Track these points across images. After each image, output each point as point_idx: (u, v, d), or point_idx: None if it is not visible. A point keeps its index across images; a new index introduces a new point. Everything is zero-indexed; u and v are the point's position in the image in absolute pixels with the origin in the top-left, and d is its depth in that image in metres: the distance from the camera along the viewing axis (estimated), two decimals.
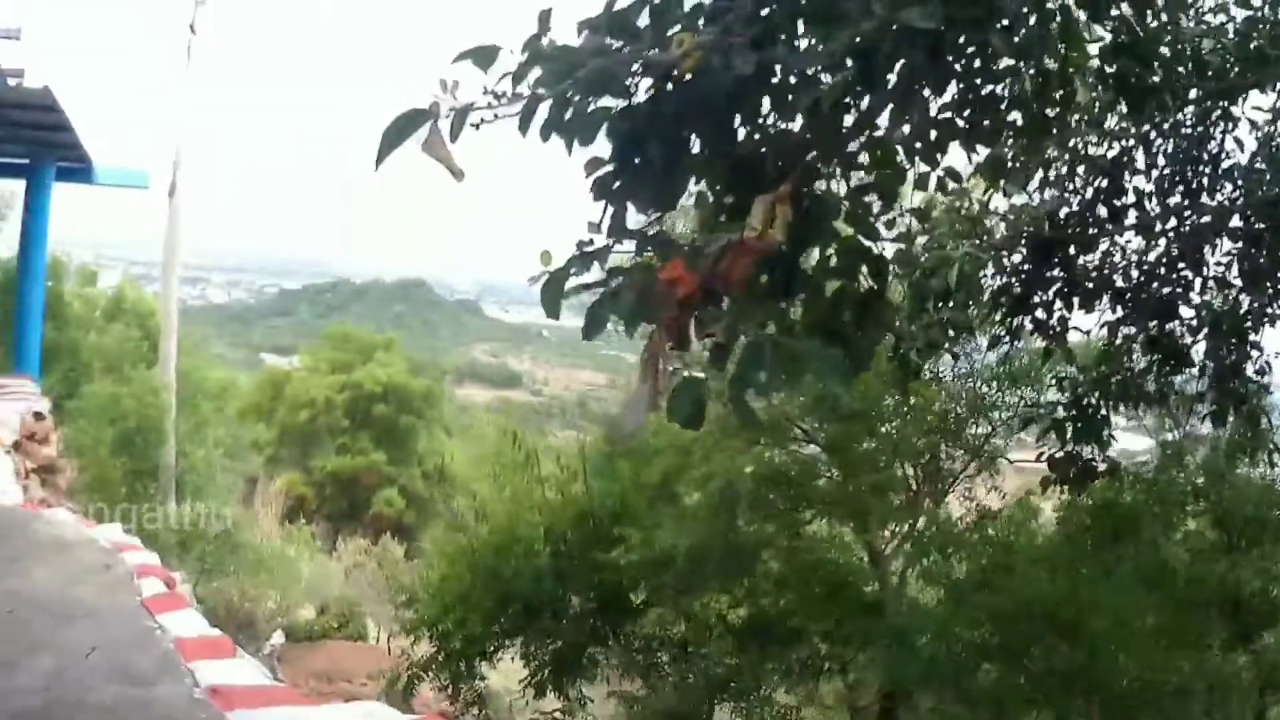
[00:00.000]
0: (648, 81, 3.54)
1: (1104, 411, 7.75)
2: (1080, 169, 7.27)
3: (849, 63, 3.59)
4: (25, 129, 13.32)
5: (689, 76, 3.41)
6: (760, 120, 3.87)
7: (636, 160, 3.70)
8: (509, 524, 12.82)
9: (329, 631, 16.36)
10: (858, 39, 3.46)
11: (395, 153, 3.56)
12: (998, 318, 7.72)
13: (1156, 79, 5.61)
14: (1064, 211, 7.30)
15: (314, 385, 38.23)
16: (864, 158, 4.15)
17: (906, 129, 4.06)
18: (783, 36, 3.62)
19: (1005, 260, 7.60)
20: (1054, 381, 9.62)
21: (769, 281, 3.80)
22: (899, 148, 4.13)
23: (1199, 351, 7.47)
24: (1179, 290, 7.32)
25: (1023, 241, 7.41)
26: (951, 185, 5.81)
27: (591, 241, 3.99)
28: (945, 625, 10.16)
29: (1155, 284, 7.36)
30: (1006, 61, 4.00)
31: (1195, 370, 7.63)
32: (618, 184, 3.81)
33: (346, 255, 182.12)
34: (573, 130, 3.56)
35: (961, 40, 3.74)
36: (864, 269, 4.03)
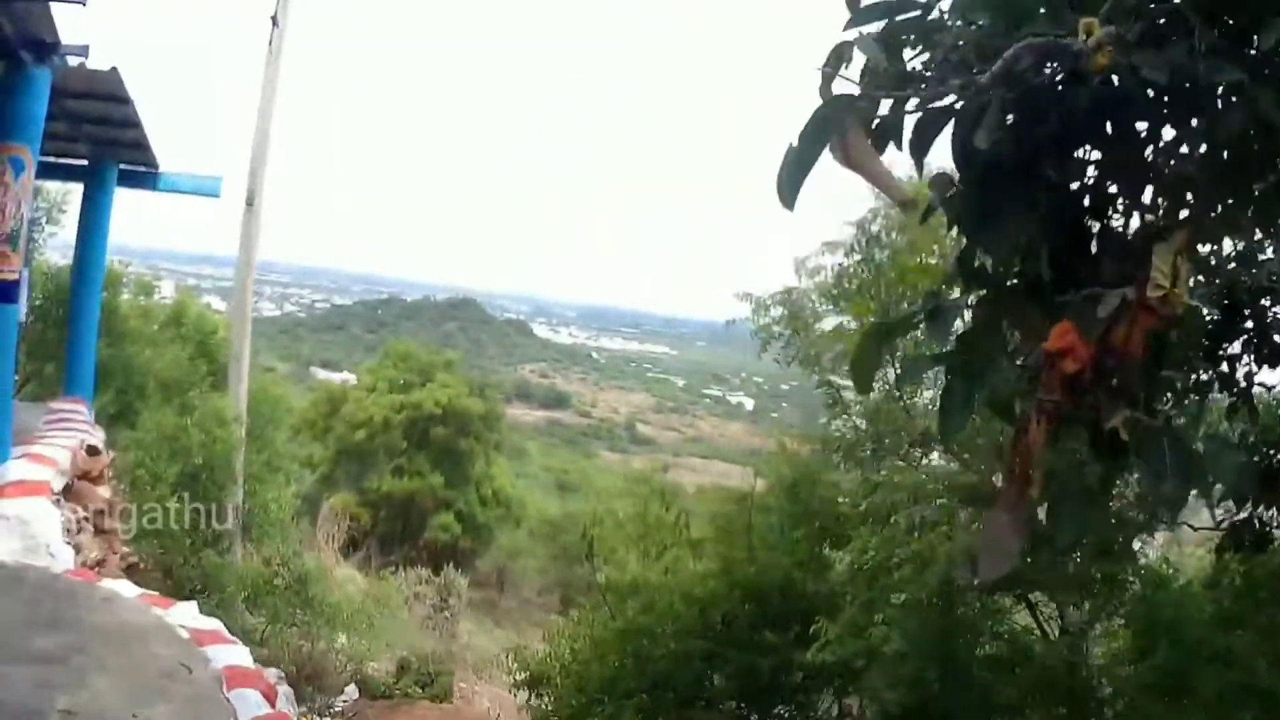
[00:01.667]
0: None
1: None
2: None
3: None
4: (87, 123, 11.80)
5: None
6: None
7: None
8: (663, 601, 11.15)
9: (410, 692, 14.79)
10: None
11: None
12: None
13: None
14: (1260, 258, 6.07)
15: (372, 404, 37.24)
16: None
17: None
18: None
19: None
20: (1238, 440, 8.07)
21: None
22: None
23: None
24: None
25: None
26: None
27: (939, 293, 3.42)
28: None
29: None
30: None
31: None
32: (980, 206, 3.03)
33: (398, 271, 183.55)
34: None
35: None
36: None
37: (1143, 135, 3.03)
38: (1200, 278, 6.69)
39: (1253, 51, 2.74)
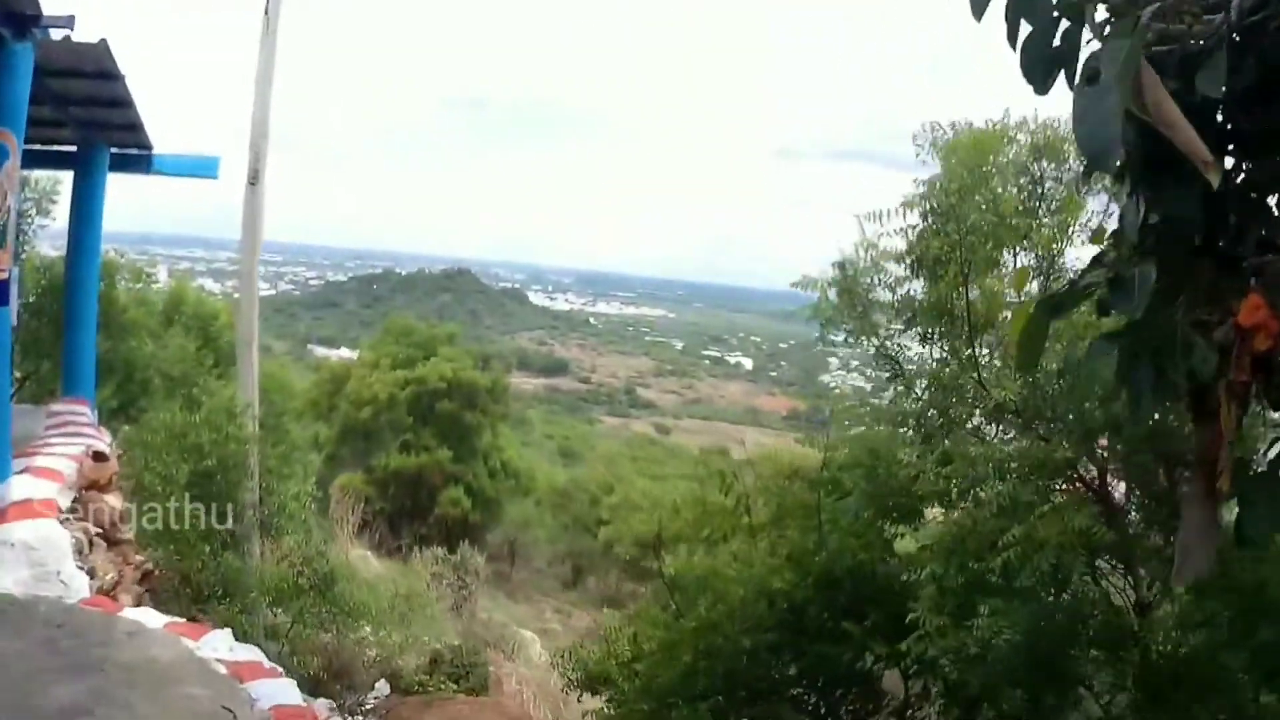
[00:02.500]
0: None
1: None
2: None
3: None
4: (75, 104, 10.98)
5: None
6: None
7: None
8: (734, 595, 10.41)
9: (444, 686, 14.15)
10: None
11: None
12: None
13: None
14: None
15: (376, 381, 36.78)
16: None
17: None
18: None
19: None
20: None
21: None
22: None
23: None
24: None
25: None
26: None
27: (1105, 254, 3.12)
28: None
29: None
30: None
31: None
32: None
33: (393, 244, 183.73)
34: None
35: None
36: None
37: None
38: None
39: None
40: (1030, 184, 9.89)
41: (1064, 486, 8.95)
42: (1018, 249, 9.79)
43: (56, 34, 8.36)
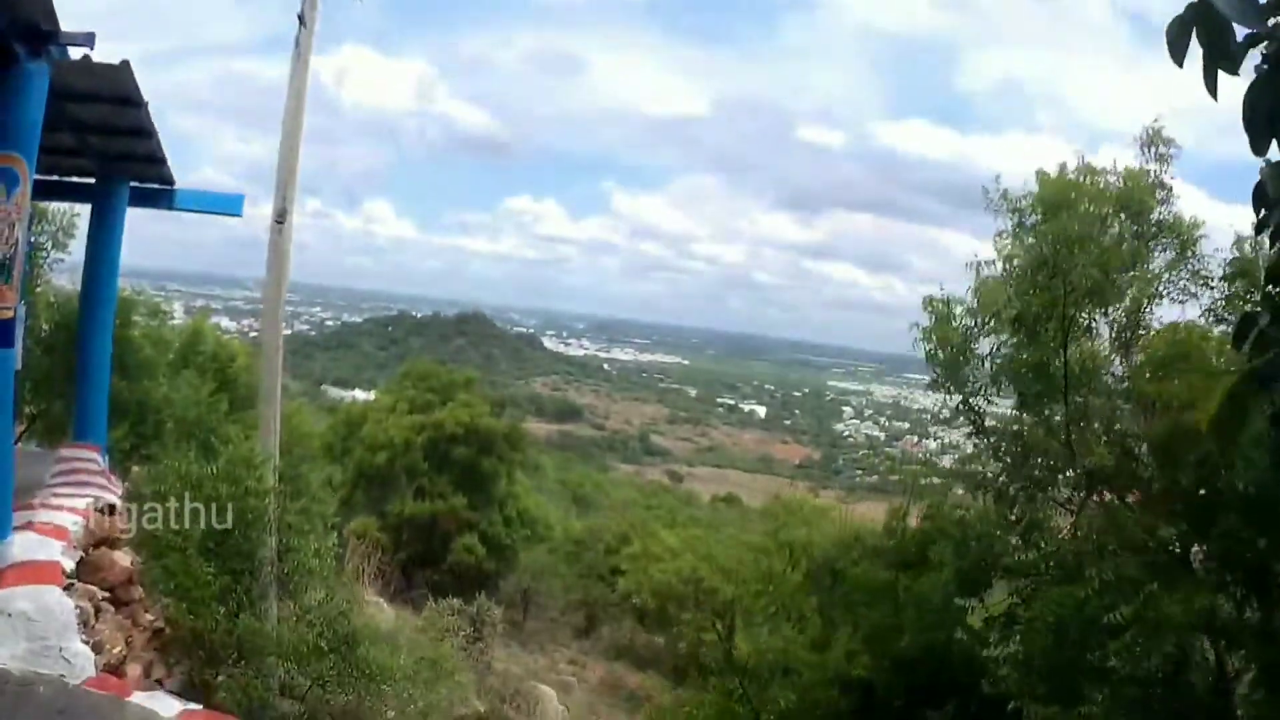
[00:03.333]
0: None
1: None
2: None
3: None
4: (93, 132, 10.35)
5: None
6: None
7: None
8: (810, 679, 9.61)
9: None
10: None
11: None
12: None
13: None
14: None
15: (392, 425, 36.24)
16: None
17: None
18: None
19: None
20: None
21: None
22: None
23: None
24: None
25: None
26: None
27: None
28: None
29: None
30: None
31: None
32: None
33: (408, 286, 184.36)
34: None
35: None
36: None
37: None
38: None
39: None
40: (1119, 239, 9.35)
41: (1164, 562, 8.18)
42: (1109, 308, 9.23)
43: (75, 53, 7.71)
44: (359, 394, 75.76)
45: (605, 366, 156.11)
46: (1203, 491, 7.73)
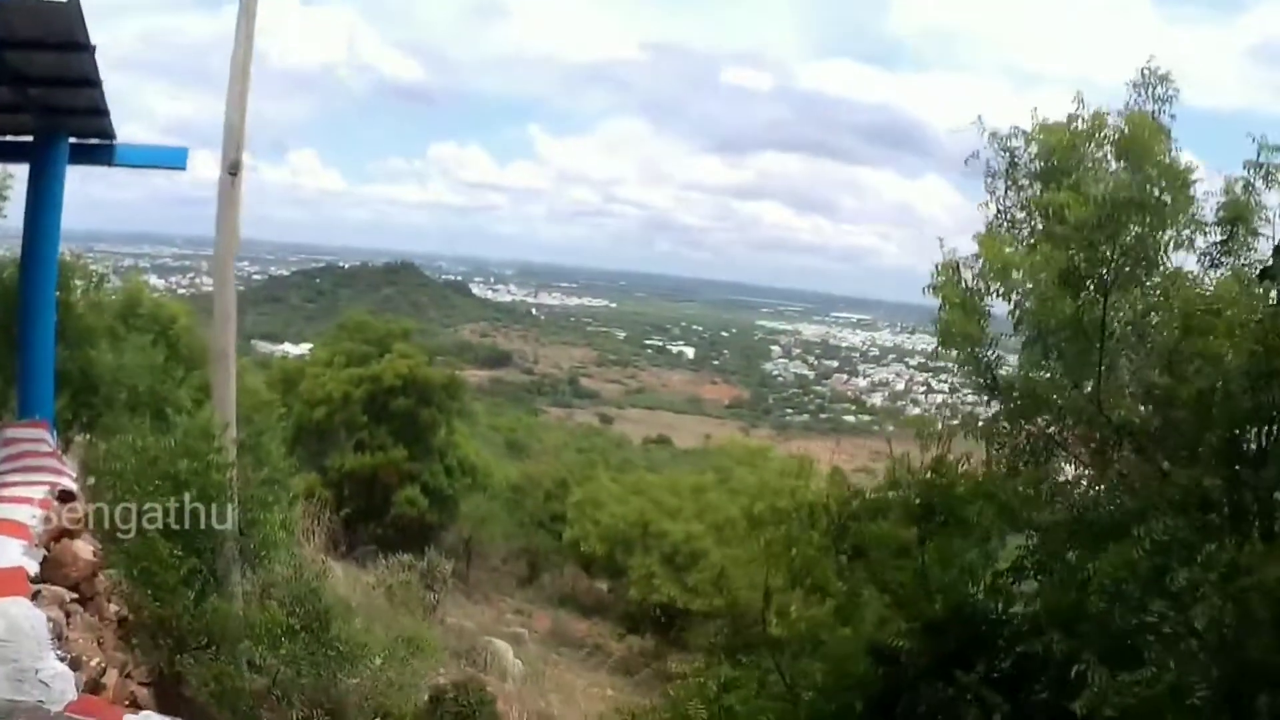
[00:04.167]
0: None
1: None
2: None
3: None
4: (35, 84, 9.56)
5: None
6: None
7: None
8: (842, 653, 9.21)
9: None
10: None
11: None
12: None
13: None
14: None
15: (330, 380, 35.52)
16: None
17: None
18: None
19: None
20: None
21: None
22: None
23: None
24: None
25: None
26: None
27: None
28: None
29: None
30: None
31: None
32: None
33: (336, 238, 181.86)
34: None
35: None
36: None
37: None
38: None
39: None
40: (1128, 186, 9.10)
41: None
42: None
43: None
44: (289, 348, 74.38)
45: (533, 312, 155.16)
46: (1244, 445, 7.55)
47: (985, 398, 9.82)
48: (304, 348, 61.49)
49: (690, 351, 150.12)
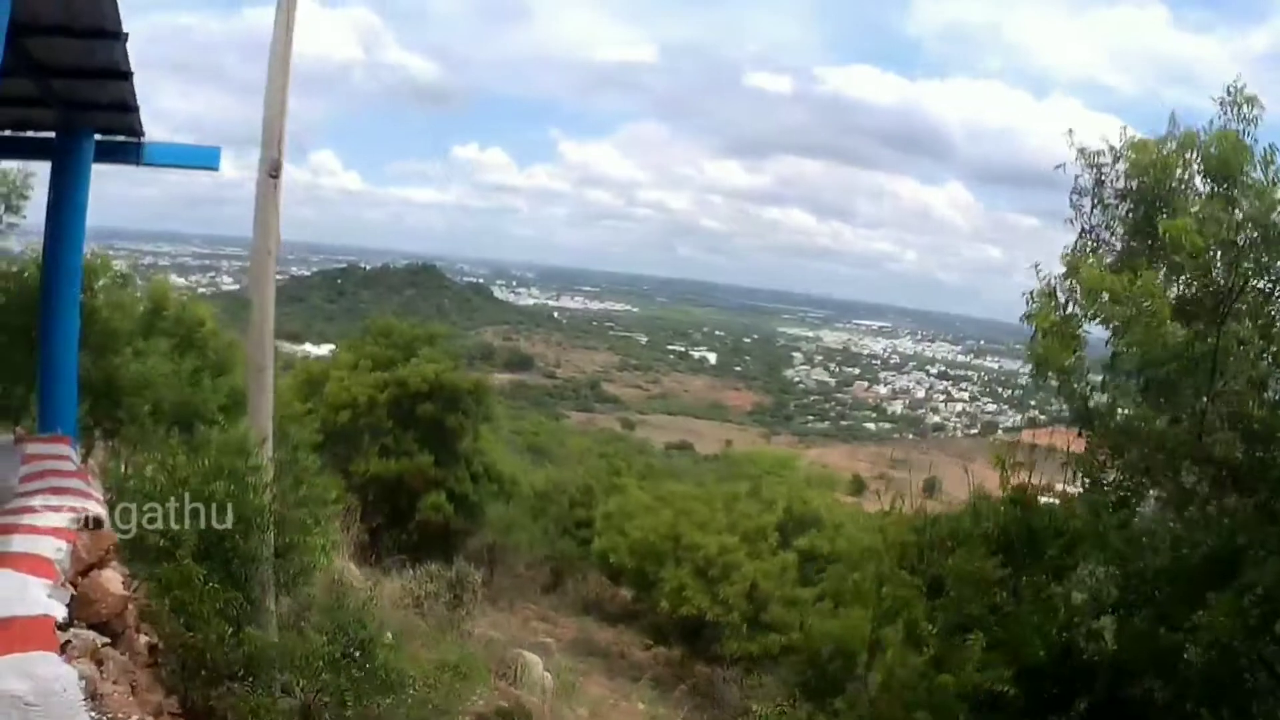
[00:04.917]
0: None
1: None
2: None
3: None
4: (59, 76, 8.87)
5: None
6: None
7: None
8: (939, 700, 8.53)
9: None
10: None
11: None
12: None
13: None
14: None
15: (355, 383, 34.66)
16: None
17: None
18: None
19: None
20: None
21: None
22: None
23: None
24: None
25: None
26: None
27: None
28: None
29: None
30: None
31: None
32: None
33: (355, 239, 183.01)
34: None
35: None
36: None
37: None
38: None
39: None
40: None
41: None
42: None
43: None
44: (310, 348, 74.13)
45: (555, 315, 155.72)
46: None
47: (1078, 429, 9.20)
48: (326, 348, 61.19)
49: (712, 357, 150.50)
